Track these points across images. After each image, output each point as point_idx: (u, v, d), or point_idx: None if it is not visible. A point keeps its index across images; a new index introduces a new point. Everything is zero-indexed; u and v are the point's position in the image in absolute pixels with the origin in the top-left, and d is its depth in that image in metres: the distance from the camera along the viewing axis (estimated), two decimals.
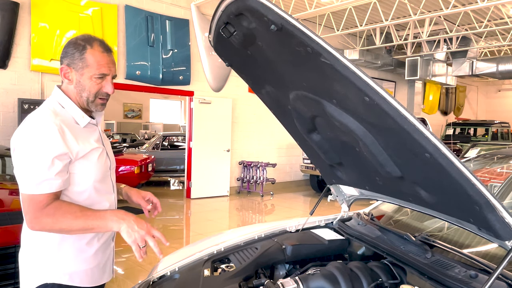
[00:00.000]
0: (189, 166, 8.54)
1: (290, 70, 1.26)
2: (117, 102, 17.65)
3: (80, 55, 1.45)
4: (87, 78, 1.47)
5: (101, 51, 1.47)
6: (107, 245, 1.62)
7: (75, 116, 1.50)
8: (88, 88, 1.48)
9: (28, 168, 1.36)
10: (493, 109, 19.53)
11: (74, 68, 1.47)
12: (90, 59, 1.46)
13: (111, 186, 1.64)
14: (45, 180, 1.35)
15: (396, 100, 0.99)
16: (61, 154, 1.37)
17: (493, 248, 1.53)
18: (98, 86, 1.49)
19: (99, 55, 1.47)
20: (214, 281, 1.49)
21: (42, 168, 1.35)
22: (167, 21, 7.86)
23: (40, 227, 1.37)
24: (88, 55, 1.46)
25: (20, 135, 1.39)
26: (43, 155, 1.35)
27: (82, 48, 1.46)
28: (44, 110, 1.45)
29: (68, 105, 1.50)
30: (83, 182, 1.48)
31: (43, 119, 1.40)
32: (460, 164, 0.98)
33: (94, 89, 1.49)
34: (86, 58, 1.46)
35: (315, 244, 1.79)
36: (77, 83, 1.49)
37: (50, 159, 1.35)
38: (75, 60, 1.46)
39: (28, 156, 1.36)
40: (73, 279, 1.49)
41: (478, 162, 2.92)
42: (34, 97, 6.29)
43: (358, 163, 1.48)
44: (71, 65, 1.47)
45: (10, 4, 5.96)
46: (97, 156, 1.51)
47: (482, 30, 9.42)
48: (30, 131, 1.38)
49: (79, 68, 1.47)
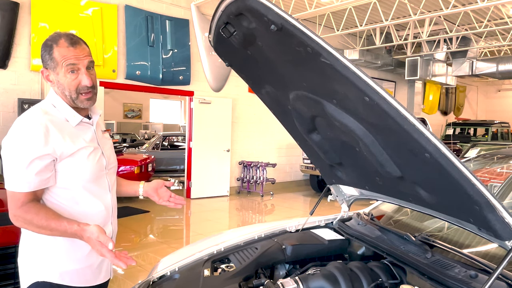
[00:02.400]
0: (189, 166, 8.54)
1: (290, 70, 1.26)
2: (117, 102, 17.64)
3: (50, 55, 1.46)
4: (62, 76, 1.47)
5: (66, 46, 1.45)
6: None
7: (66, 115, 1.51)
8: (67, 85, 1.47)
9: (10, 166, 1.40)
10: (493, 109, 19.53)
11: (50, 69, 1.48)
12: (58, 56, 1.45)
13: (107, 186, 1.63)
14: (23, 179, 1.38)
15: (396, 100, 0.99)
16: (42, 155, 1.39)
17: (493, 248, 1.53)
18: (75, 81, 1.47)
19: (64, 50, 1.45)
20: (214, 281, 1.49)
21: (21, 167, 1.38)
22: (167, 21, 7.86)
23: (19, 224, 1.42)
24: (55, 53, 1.45)
25: (8, 135, 1.43)
26: (24, 155, 1.37)
27: (49, 48, 1.46)
28: (34, 110, 1.47)
29: (60, 104, 1.51)
30: (70, 181, 1.48)
31: (29, 119, 1.42)
32: (460, 164, 0.98)
33: (72, 85, 1.47)
34: (54, 56, 1.45)
35: (315, 244, 1.79)
36: (57, 83, 1.49)
37: (30, 159, 1.37)
38: (47, 62, 1.47)
39: (11, 155, 1.39)
40: (64, 278, 1.50)
41: (478, 162, 2.92)
42: (34, 97, 6.29)
43: (358, 163, 1.48)
44: (47, 67, 1.48)
45: (10, 4, 5.96)
46: (86, 155, 1.51)
47: (482, 30, 9.43)
48: (16, 131, 1.41)
49: (53, 67, 1.47)
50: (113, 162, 1.69)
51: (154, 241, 5.47)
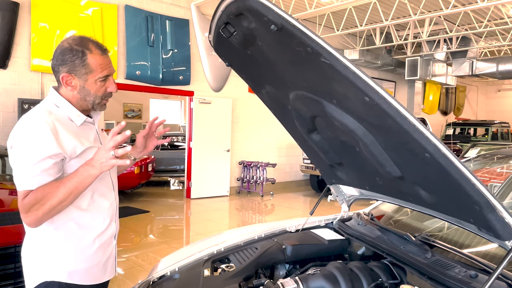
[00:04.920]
0: (189, 166, 8.54)
1: (290, 70, 1.26)
2: (117, 102, 17.64)
3: (82, 61, 1.44)
4: (92, 83, 1.48)
5: (100, 54, 1.48)
6: (108, 244, 1.62)
7: (70, 115, 1.50)
8: (94, 92, 1.49)
9: (21, 166, 1.38)
10: (493, 109, 19.52)
11: (77, 75, 1.46)
12: (93, 64, 1.45)
13: (111, 185, 1.64)
14: (36, 177, 1.37)
15: (396, 100, 0.99)
16: (53, 154, 1.38)
17: (493, 248, 1.53)
18: (103, 88, 1.51)
19: (100, 58, 1.47)
20: (214, 281, 1.49)
21: (33, 167, 1.36)
22: (167, 21, 7.86)
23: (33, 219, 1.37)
24: (90, 60, 1.45)
25: (15, 135, 1.41)
26: (35, 154, 1.36)
27: (82, 55, 1.44)
28: (39, 110, 1.45)
29: (63, 104, 1.50)
30: None
31: (36, 118, 1.41)
32: (460, 164, 0.98)
33: (100, 92, 1.50)
34: (89, 63, 1.45)
35: (315, 244, 1.79)
36: (81, 89, 1.48)
37: (42, 158, 1.36)
38: (76, 67, 1.45)
39: (21, 155, 1.37)
40: (73, 277, 1.50)
41: (478, 162, 2.92)
42: (34, 97, 6.29)
43: (358, 163, 1.48)
44: (72, 72, 1.46)
45: (10, 4, 5.96)
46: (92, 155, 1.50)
47: (482, 30, 9.42)
48: (23, 131, 1.39)
49: (82, 74, 1.46)
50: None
51: (154, 241, 5.47)
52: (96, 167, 1.36)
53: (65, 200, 1.38)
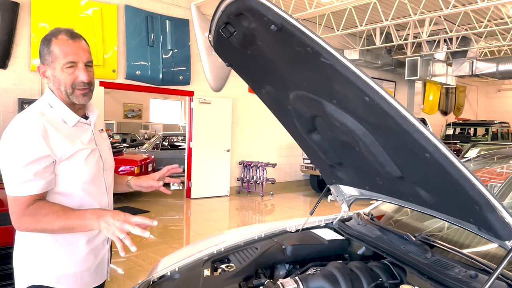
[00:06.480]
0: (189, 166, 8.54)
1: (290, 70, 1.26)
2: (117, 102, 17.64)
3: (48, 49, 1.43)
4: (59, 71, 1.44)
5: (65, 39, 1.43)
6: (99, 249, 1.59)
7: (63, 115, 1.47)
8: (63, 80, 1.44)
9: (10, 170, 1.35)
10: (493, 109, 19.52)
11: (47, 64, 1.45)
12: (56, 50, 1.42)
13: (104, 188, 1.60)
14: (27, 182, 1.34)
15: (396, 100, 0.99)
16: (42, 157, 1.35)
17: (493, 248, 1.53)
18: (72, 76, 1.44)
19: (63, 44, 1.42)
20: (214, 281, 1.49)
21: (23, 170, 1.33)
22: (167, 21, 7.86)
23: (24, 227, 1.37)
24: (53, 47, 1.42)
25: (3, 137, 1.38)
26: (24, 157, 1.33)
27: (48, 42, 1.43)
28: (30, 111, 1.43)
29: (57, 104, 1.48)
30: (69, 183, 1.45)
31: (26, 120, 1.39)
32: (460, 164, 0.98)
33: (68, 80, 1.44)
34: (52, 50, 1.42)
35: (315, 244, 1.79)
36: (53, 78, 1.46)
37: (31, 161, 1.33)
38: (45, 56, 1.44)
39: (10, 158, 1.35)
40: (60, 281, 1.47)
41: (478, 162, 2.92)
42: (34, 97, 6.29)
43: (358, 163, 1.48)
44: (44, 62, 1.45)
45: (10, 4, 5.96)
46: (84, 157, 1.48)
47: (482, 30, 9.43)
48: (12, 133, 1.37)
49: (50, 62, 1.44)
50: (110, 162, 1.66)
51: (154, 241, 5.47)
52: (100, 226, 1.33)
53: (57, 231, 1.38)
